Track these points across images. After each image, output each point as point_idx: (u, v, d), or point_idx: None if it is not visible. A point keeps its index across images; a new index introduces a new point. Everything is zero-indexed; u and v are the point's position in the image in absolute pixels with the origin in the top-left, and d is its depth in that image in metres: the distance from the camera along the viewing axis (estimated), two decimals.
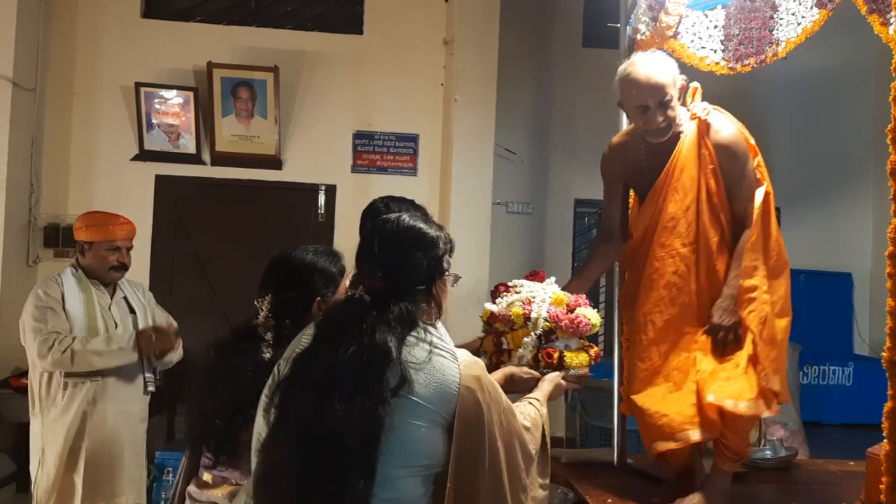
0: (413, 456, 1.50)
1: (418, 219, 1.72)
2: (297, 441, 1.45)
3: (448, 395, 1.52)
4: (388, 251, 1.63)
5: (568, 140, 6.15)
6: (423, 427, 1.50)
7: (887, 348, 1.91)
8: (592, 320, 2.25)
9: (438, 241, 1.69)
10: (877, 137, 5.63)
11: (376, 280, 1.58)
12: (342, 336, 1.51)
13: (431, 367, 1.52)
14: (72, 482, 3.02)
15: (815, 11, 2.64)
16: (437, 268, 1.67)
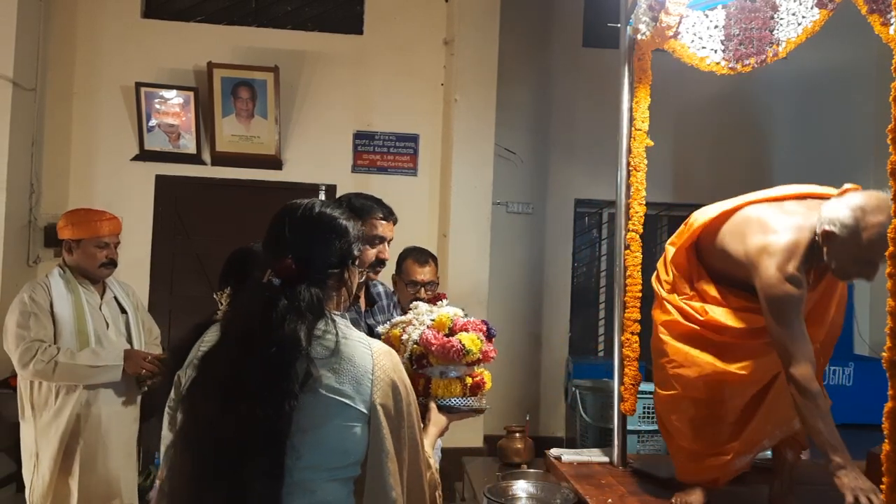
0: (333, 457, 1.45)
1: (331, 205, 1.65)
2: (199, 444, 1.39)
3: (363, 386, 1.47)
4: (300, 233, 1.56)
5: (568, 140, 6.14)
6: (340, 424, 1.45)
7: (887, 348, 1.91)
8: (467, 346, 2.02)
9: (349, 228, 1.62)
10: (877, 137, 5.62)
11: (287, 262, 1.51)
12: (250, 328, 1.45)
13: (342, 357, 1.47)
14: (67, 486, 2.98)
15: (816, 11, 2.64)
16: (348, 252, 1.60)
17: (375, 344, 1.57)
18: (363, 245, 1.67)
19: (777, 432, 2.54)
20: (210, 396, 1.41)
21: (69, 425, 2.96)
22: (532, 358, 6.12)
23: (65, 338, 2.97)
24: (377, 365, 1.51)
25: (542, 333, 6.17)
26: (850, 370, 6.10)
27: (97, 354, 2.96)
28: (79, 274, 3.10)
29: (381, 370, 1.51)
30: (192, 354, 1.57)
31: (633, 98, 3.20)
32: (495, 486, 2.81)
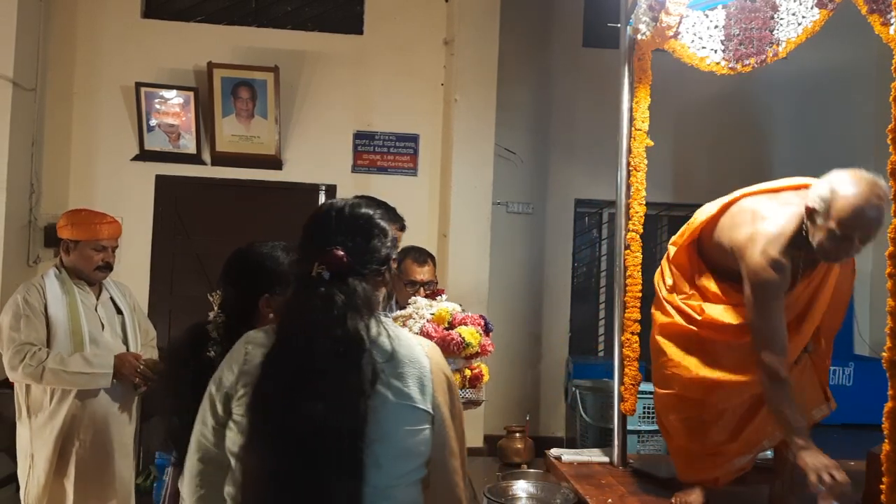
0: (408, 461, 1.46)
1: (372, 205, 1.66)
2: (277, 446, 1.39)
3: (426, 386, 1.48)
4: (348, 227, 1.56)
5: (568, 140, 6.14)
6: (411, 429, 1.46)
7: (887, 348, 1.91)
8: (466, 339, 2.19)
9: (388, 230, 1.63)
10: (877, 137, 5.62)
11: (339, 252, 1.49)
12: (313, 322, 1.43)
13: (401, 359, 1.47)
14: (62, 488, 2.97)
15: (816, 11, 2.64)
16: (390, 253, 1.61)
17: (424, 341, 1.58)
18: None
19: (777, 433, 2.54)
20: (283, 398, 1.40)
21: (64, 427, 2.95)
22: (532, 358, 6.11)
23: (59, 339, 2.94)
24: (433, 363, 1.52)
25: (542, 333, 6.16)
26: (850, 370, 6.11)
27: (88, 361, 2.92)
28: (74, 275, 3.08)
29: (437, 368, 1.52)
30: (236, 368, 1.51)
31: (633, 98, 3.20)
32: (495, 486, 2.81)
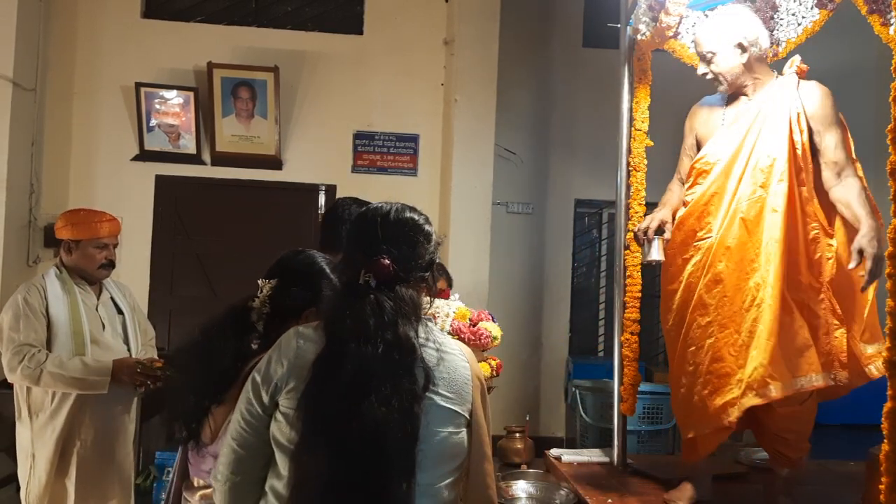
0: (448, 463, 1.50)
1: (416, 210, 1.66)
2: (334, 447, 1.40)
3: (466, 392, 1.53)
4: (393, 235, 1.57)
5: (568, 140, 6.14)
6: (452, 432, 1.50)
7: (888, 349, 1.91)
8: (493, 332, 2.44)
9: (432, 233, 1.65)
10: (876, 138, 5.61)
11: (385, 262, 1.52)
12: (363, 329, 1.46)
13: (447, 365, 1.52)
14: (63, 488, 2.96)
15: (816, 12, 2.64)
16: (434, 257, 1.63)
17: (465, 347, 1.62)
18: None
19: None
20: (339, 401, 1.42)
21: (65, 427, 2.94)
22: (532, 358, 6.12)
23: (60, 339, 2.93)
24: (472, 368, 1.56)
25: (542, 333, 6.16)
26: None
27: (86, 366, 2.90)
28: (76, 274, 3.08)
29: (475, 375, 1.57)
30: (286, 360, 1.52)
31: (633, 98, 3.20)
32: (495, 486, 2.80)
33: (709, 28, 2.58)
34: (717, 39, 2.52)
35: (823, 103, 2.47)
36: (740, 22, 2.54)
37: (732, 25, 2.53)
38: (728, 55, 2.52)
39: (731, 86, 2.57)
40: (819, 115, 2.46)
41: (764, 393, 2.35)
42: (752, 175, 2.47)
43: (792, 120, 2.45)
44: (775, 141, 2.45)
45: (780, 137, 2.45)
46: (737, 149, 2.52)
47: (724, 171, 2.53)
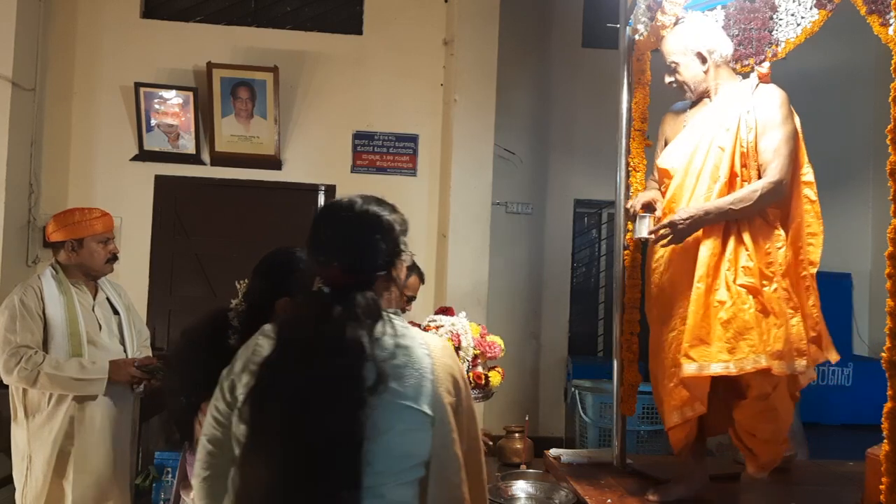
0: (399, 461, 1.43)
1: (372, 201, 1.60)
2: (276, 455, 1.38)
3: (425, 387, 1.45)
4: (344, 238, 1.52)
5: (567, 140, 6.14)
6: (405, 428, 1.43)
7: (887, 349, 1.91)
8: (500, 344, 2.73)
9: (394, 222, 1.57)
10: (876, 138, 5.62)
11: (335, 270, 1.48)
12: (309, 337, 1.43)
13: (401, 359, 1.45)
14: (60, 489, 2.96)
15: (815, 12, 2.64)
16: (395, 250, 1.55)
17: (433, 340, 1.54)
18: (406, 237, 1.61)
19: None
20: (279, 407, 1.40)
21: (63, 427, 2.93)
22: (531, 358, 6.12)
23: (57, 340, 2.92)
24: (437, 363, 1.48)
25: (541, 334, 6.16)
26: (849, 370, 6.11)
27: (83, 367, 2.90)
28: (79, 274, 3.07)
29: (441, 368, 1.49)
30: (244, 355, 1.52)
31: (632, 98, 3.20)
32: (494, 486, 2.80)
33: (672, 40, 2.70)
34: (679, 50, 2.66)
35: (772, 105, 2.53)
36: (699, 32, 2.66)
37: (692, 36, 2.65)
38: (690, 64, 2.65)
39: (695, 93, 2.69)
40: (764, 117, 2.52)
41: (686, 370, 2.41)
42: (709, 173, 2.54)
43: (741, 119, 2.52)
44: (726, 138, 2.53)
45: (729, 136, 2.53)
46: (694, 149, 2.60)
47: (685, 170, 2.61)
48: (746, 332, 2.38)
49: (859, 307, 6.37)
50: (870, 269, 6.42)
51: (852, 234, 6.43)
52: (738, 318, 2.39)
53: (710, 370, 2.39)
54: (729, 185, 2.51)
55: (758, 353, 2.36)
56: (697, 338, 2.43)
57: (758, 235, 2.48)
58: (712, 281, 2.45)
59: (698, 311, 2.44)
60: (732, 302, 2.41)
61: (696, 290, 2.46)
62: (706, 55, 2.63)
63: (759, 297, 2.42)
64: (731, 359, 2.37)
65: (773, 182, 2.45)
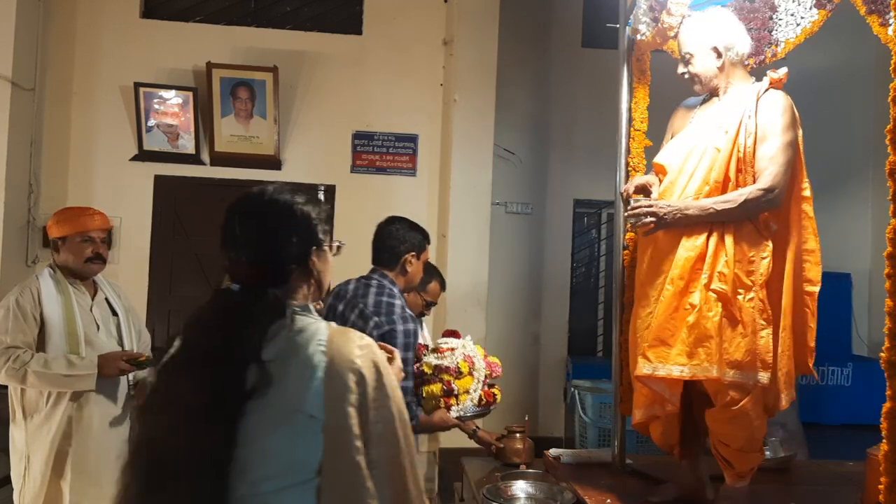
0: (282, 466, 1.31)
1: (284, 191, 1.48)
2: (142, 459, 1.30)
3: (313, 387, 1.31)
4: (251, 231, 1.42)
5: (567, 140, 6.15)
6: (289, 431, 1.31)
7: (886, 349, 1.91)
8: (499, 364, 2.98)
9: (309, 211, 1.46)
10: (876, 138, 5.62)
11: (242, 266, 1.39)
12: (199, 339, 1.35)
13: (291, 358, 1.33)
14: (59, 489, 2.94)
15: (815, 12, 2.64)
16: (310, 241, 1.45)
17: (338, 336, 1.39)
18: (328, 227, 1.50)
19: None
20: (160, 411, 1.33)
21: (61, 428, 2.92)
22: (531, 358, 6.12)
23: (54, 340, 2.91)
24: (334, 360, 1.34)
25: (541, 333, 6.17)
26: (848, 371, 6.12)
27: (72, 363, 2.88)
28: (69, 274, 3.06)
29: (340, 364, 1.34)
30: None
31: (632, 98, 3.20)
32: (494, 486, 2.80)
33: (689, 30, 2.64)
34: (695, 42, 2.60)
35: (775, 112, 2.49)
36: (719, 27, 2.60)
37: (711, 30, 2.59)
38: (704, 57, 2.59)
39: (704, 87, 2.64)
40: (765, 123, 2.48)
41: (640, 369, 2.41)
42: (702, 174, 2.50)
43: (742, 123, 2.48)
44: (723, 141, 2.49)
45: (727, 138, 2.49)
46: (691, 148, 2.56)
47: (679, 169, 2.57)
48: (706, 339, 2.35)
49: (859, 307, 6.38)
50: (869, 268, 6.42)
51: (852, 234, 6.44)
52: (700, 325, 2.36)
53: (661, 372, 2.37)
54: (722, 189, 2.47)
55: (711, 362, 2.33)
56: (658, 339, 2.40)
57: (743, 242, 2.44)
58: (686, 283, 2.41)
59: (665, 311, 2.41)
60: (699, 307, 2.37)
61: (665, 291, 2.43)
62: (722, 51, 2.57)
63: (729, 306, 2.38)
64: (688, 363, 2.35)
65: (763, 189, 2.40)
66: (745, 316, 2.38)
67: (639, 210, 2.43)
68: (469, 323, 5.11)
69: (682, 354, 2.36)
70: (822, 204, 2.69)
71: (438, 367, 2.78)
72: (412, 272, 2.77)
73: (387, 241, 2.77)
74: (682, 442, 2.63)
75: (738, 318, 2.38)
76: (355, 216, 5.41)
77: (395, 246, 2.75)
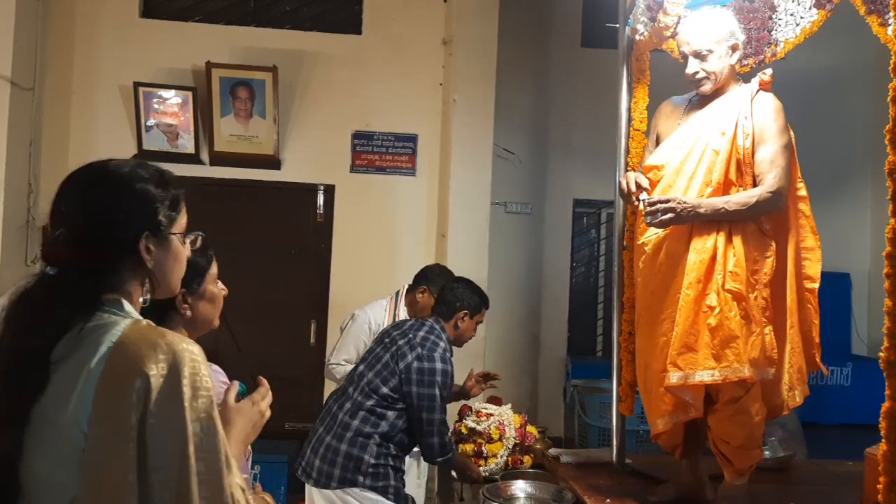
0: (54, 493, 1.08)
1: (129, 164, 1.27)
2: None
3: (84, 395, 1.07)
4: (71, 205, 1.19)
5: (567, 140, 6.15)
6: (57, 450, 1.08)
7: (885, 349, 1.91)
8: (536, 434, 3.34)
9: (148, 189, 1.25)
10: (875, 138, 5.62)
11: (57, 246, 1.16)
12: (3, 329, 1.14)
13: (72, 356, 1.11)
14: None
15: (814, 12, 2.64)
16: (142, 224, 1.22)
17: (134, 333, 1.13)
18: (174, 213, 1.33)
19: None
20: None
21: None
22: (531, 358, 6.12)
23: None
24: (118, 362, 1.09)
25: (540, 333, 6.17)
26: (847, 370, 6.12)
27: None
28: None
29: (124, 368, 1.08)
30: None
31: (631, 98, 3.20)
32: (494, 486, 2.81)
33: (702, 26, 2.57)
34: (713, 38, 2.52)
35: (769, 116, 2.50)
36: (733, 24, 2.58)
37: (728, 26, 2.55)
38: (723, 55, 2.54)
39: (716, 85, 2.58)
40: (761, 125, 2.49)
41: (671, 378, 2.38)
42: (702, 176, 2.50)
43: (739, 124, 2.48)
44: (721, 142, 2.49)
45: (725, 140, 2.48)
46: (689, 150, 2.54)
47: (676, 171, 2.56)
48: (732, 340, 2.35)
49: (858, 307, 6.38)
50: (868, 268, 6.42)
51: (851, 233, 6.44)
52: (724, 326, 2.36)
53: (695, 379, 2.36)
54: (723, 190, 2.47)
55: (741, 362, 2.34)
56: (685, 345, 2.39)
57: (749, 242, 2.45)
58: (703, 286, 2.41)
59: (688, 317, 2.40)
60: (720, 308, 2.37)
61: (684, 297, 2.42)
62: (739, 48, 2.56)
63: (744, 304, 2.40)
64: (717, 366, 2.35)
65: (772, 192, 2.41)
66: (755, 314, 2.40)
67: (658, 206, 2.39)
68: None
69: (708, 358, 2.35)
70: (822, 204, 2.70)
71: (473, 429, 3.22)
72: (462, 328, 3.12)
73: (447, 296, 3.14)
74: (683, 441, 2.63)
75: (750, 316, 2.39)
76: (355, 217, 5.42)
77: (452, 302, 3.11)
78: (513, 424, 3.21)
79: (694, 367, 2.36)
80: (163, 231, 1.28)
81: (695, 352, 2.37)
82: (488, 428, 3.19)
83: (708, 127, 2.54)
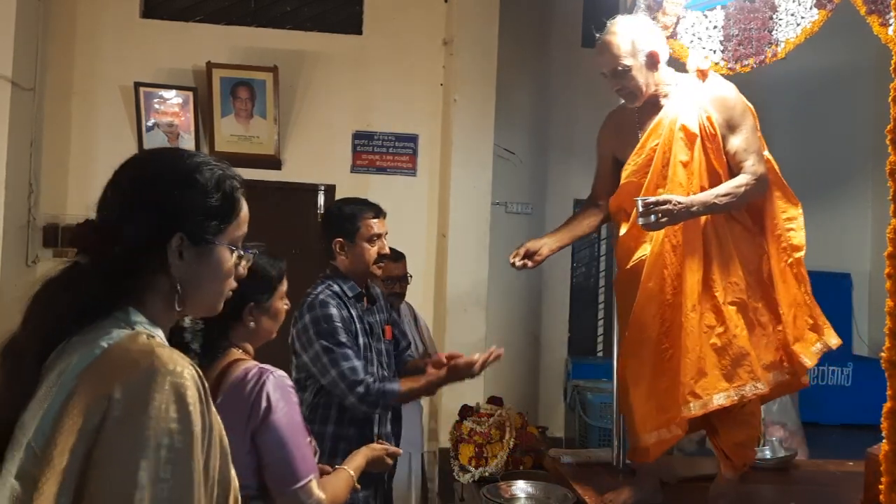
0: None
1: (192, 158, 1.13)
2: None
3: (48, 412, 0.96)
4: (115, 188, 1.09)
5: (567, 140, 6.14)
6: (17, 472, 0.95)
7: (886, 349, 1.91)
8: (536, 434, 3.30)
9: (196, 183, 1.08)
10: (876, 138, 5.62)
11: (85, 228, 1.07)
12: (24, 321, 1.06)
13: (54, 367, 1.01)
14: None
15: (815, 12, 2.64)
16: (179, 223, 1.06)
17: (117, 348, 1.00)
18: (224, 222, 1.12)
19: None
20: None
21: None
22: (531, 358, 6.11)
23: None
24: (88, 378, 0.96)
25: (541, 333, 6.17)
26: (848, 370, 6.12)
27: None
28: None
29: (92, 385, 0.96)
30: None
31: None
32: (494, 486, 2.80)
33: (603, 49, 2.48)
34: (619, 57, 2.45)
35: (727, 100, 2.48)
36: (646, 30, 2.52)
37: (628, 37, 2.46)
38: (642, 66, 2.48)
39: (643, 99, 2.52)
40: (725, 115, 2.46)
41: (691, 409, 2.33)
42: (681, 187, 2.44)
43: (702, 125, 2.45)
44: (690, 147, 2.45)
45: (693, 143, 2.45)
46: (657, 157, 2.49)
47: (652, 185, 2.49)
48: (743, 358, 2.33)
49: (859, 307, 6.38)
50: (869, 268, 6.42)
51: (851, 234, 6.44)
52: (733, 345, 2.33)
53: (713, 403, 2.32)
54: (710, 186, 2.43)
55: (755, 378, 2.32)
56: (699, 371, 2.34)
57: (741, 246, 2.44)
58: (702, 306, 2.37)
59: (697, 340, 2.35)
60: (725, 327, 2.34)
61: (689, 320, 2.36)
62: (660, 54, 2.49)
63: (750, 314, 2.39)
64: (730, 386, 2.32)
65: (757, 177, 2.39)
66: (760, 317, 2.40)
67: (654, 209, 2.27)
68: (469, 323, 5.12)
69: (720, 379, 2.33)
70: (822, 204, 2.70)
71: (473, 430, 3.20)
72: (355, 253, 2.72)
73: (321, 242, 2.83)
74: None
75: (754, 321, 2.38)
76: None
77: (325, 242, 2.79)
78: (513, 425, 3.23)
79: (709, 391, 2.33)
80: (205, 238, 1.09)
81: (706, 376, 2.34)
82: (488, 428, 3.21)
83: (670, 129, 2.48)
